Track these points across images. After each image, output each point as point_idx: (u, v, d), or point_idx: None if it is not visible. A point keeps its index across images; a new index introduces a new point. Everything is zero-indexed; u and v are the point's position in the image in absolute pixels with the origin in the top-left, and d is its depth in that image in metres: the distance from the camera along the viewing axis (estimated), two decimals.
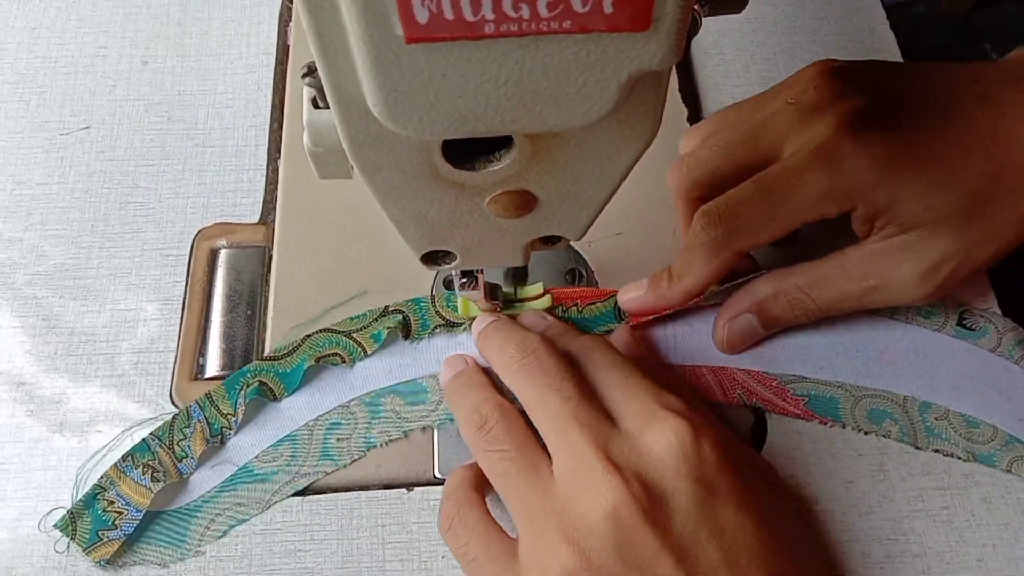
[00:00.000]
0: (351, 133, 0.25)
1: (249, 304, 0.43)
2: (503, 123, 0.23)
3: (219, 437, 0.39)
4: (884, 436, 0.40)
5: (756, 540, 0.31)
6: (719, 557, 0.30)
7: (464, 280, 0.40)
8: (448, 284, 0.43)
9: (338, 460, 0.39)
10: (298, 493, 0.39)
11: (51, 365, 0.42)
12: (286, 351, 0.40)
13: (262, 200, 0.46)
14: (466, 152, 0.26)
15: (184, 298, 0.43)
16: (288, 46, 0.52)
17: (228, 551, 0.37)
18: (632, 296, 0.41)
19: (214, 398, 0.39)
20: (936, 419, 0.40)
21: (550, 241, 0.33)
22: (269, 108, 0.50)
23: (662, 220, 0.45)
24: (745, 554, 0.31)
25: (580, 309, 0.42)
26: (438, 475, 0.39)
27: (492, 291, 0.40)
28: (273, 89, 0.50)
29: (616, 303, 0.42)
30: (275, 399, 0.40)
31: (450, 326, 0.42)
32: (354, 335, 0.41)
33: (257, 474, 0.39)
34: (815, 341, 0.42)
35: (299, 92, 0.49)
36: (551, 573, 0.30)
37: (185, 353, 0.42)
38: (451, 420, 0.40)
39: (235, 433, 0.39)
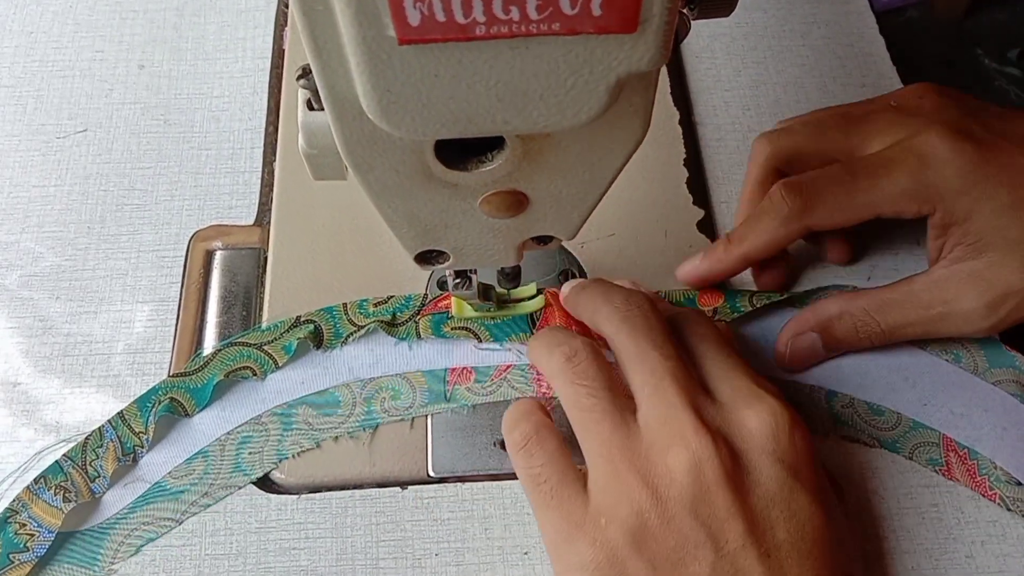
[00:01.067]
0: (345, 133, 0.26)
1: (244, 306, 0.43)
2: (494, 124, 0.23)
3: (131, 456, 0.39)
4: None
5: (821, 532, 0.32)
6: (785, 538, 0.31)
7: (458, 280, 0.40)
8: (442, 284, 0.44)
9: (250, 473, 0.39)
10: (293, 492, 0.39)
11: (47, 366, 0.42)
12: (197, 367, 0.40)
13: (257, 202, 0.47)
14: (458, 152, 0.27)
15: (180, 299, 0.44)
16: (283, 50, 0.53)
17: (223, 549, 0.38)
18: (689, 268, 0.42)
19: (126, 417, 0.39)
20: (842, 407, 0.41)
21: (543, 241, 0.33)
22: (265, 111, 0.50)
23: (653, 222, 0.45)
24: (808, 542, 0.31)
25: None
26: (432, 474, 0.40)
27: (486, 292, 0.41)
28: (269, 93, 0.51)
29: (533, 313, 0.42)
30: (187, 415, 0.40)
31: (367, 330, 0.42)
32: (265, 347, 0.41)
33: (170, 490, 0.39)
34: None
35: (294, 95, 0.50)
36: (623, 511, 0.31)
37: (181, 354, 0.42)
38: (363, 428, 0.40)
39: (147, 451, 0.39)
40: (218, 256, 0.45)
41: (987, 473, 0.39)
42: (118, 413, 0.39)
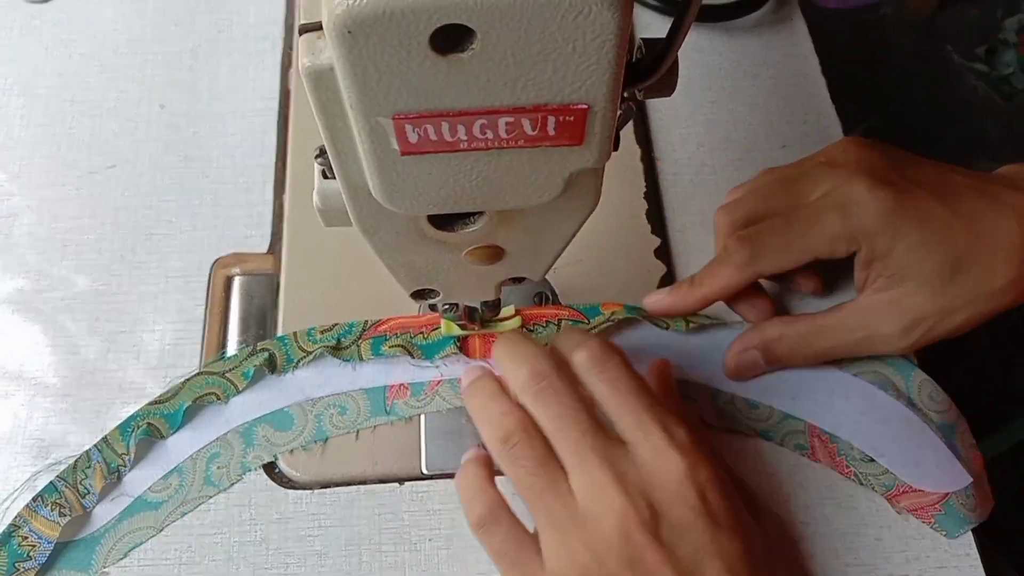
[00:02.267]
0: (356, 207, 0.32)
1: (260, 326, 0.50)
2: (474, 204, 0.30)
3: (116, 474, 0.45)
4: None
5: (746, 560, 0.36)
6: (714, 574, 0.36)
7: (446, 307, 0.47)
8: (433, 306, 0.50)
9: (219, 485, 0.45)
10: (307, 487, 0.46)
11: (91, 380, 0.48)
12: (169, 395, 0.46)
13: (270, 232, 0.53)
14: (447, 218, 0.33)
15: (204, 320, 0.50)
16: (289, 91, 0.59)
17: (249, 537, 0.44)
18: (656, 299, 0.48)
19: (110, 441, 0.45)
20: (724, 404, 0.48)
21: (516, 280, 0.40)
22: (274, 148, 0.56)
23: (615, 250, 0.52)
24: (735, 573, 0.36)
25: (426, 335, 0.48)
26: (425, 471, 0.46)
27: (471, 314, 0.47)
28: (277, 132, 0.57)
29: (455, 335, 0.48)
30: (162, 437, 0.46)
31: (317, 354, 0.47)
32: (227, 374, 0.47)
33: (150, 503, 0.45)
34: (632, 333, 0.49)
35: (300, 136, 0.56)
36: (573, 572, 0.36)
37: None
38: (315, 441, 0.46)
39: (129, 469, 0.45)
40: (236, 281, 0.51)
41: (845, 454, 0.46)
42: (102, 438, 0.45)
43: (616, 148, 0.31)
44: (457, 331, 0.48)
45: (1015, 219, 0.43)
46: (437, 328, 0.49)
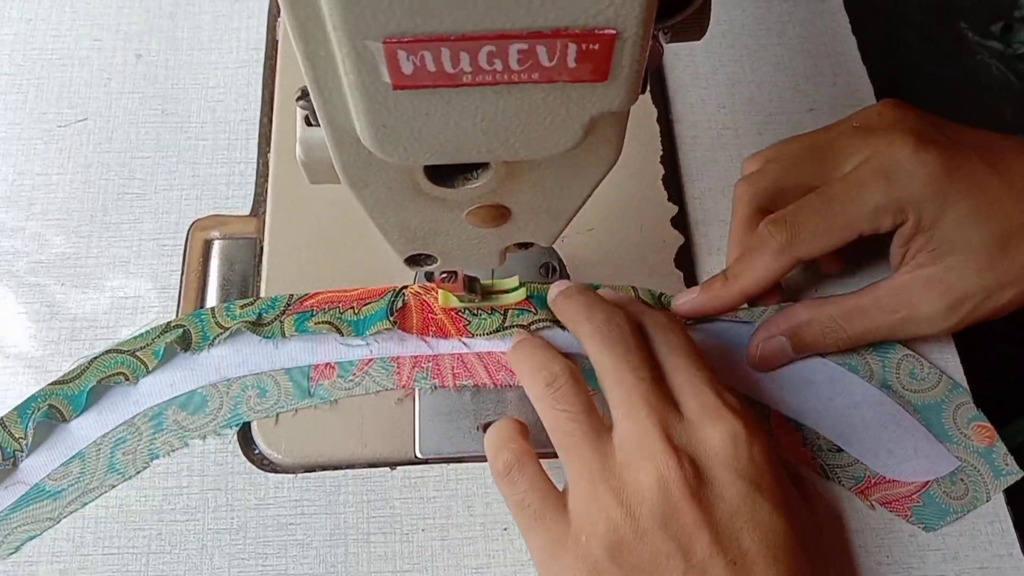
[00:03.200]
0: (342, 156, 0.28)
1: (241, 293, 0.46)
2: (479, 153, 0.26)
3: (11, 460, 0.41)
4: None
5: (784, 538, 0.34)
6: (751, 546, 0.33)
7: (444, 275, 0.42)
8: (430, 275, 0.46)
9: (125, 472, 0.41)
10: (289, 471, 0.42)
11: (55, 350, 0.44)
12: (74, 375, 0.42)
13: (253, 193, 0.49)
14: (446, 171, 0.29)
15: (180, 286, 0.46)
16: (276, 41, 0.54)
17: (225, 524, 0.41)
18: (686, 300, 0.44)
19: (6, 423, 0.41)
20: None
21: (524, 246, 0.36)
22: (259, 103, 0.52)
23: (630, 218, 0.48)
24: (773, 549, 0.34)
25: (356, 311, 0.44)
26: (419, 455, 0.42)
27: (471, 284, 0.43)
28: (263, 84, 0.52)
29: (389, 302, 0.44)
30: (64, 420, 0.42)
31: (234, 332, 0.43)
32: (137, 353, 0.43)
33: (48, 491, 0.41)
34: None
35: (287, 88, 0.51)
36: (600, 528, 0.34)
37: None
38: (231, 426, 0.42)
39: (27, 455, 0.41)
40: (216, 245, 0.47)
41: (811, 443, 0.43)
42: None
43: (644, 91, 0.26)
44: (455, 301, 0.44)
45: None
46: (369, 303, 0.44)
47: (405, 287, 0.45)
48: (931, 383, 0.44)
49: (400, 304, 0.44)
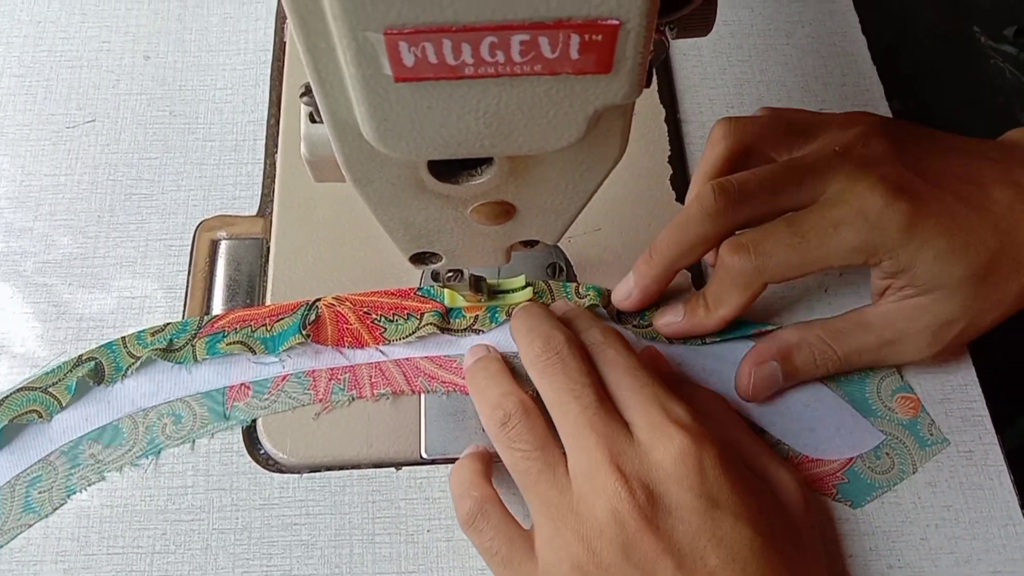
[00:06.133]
0: (345, 151, 0.28)
1: (248, 294, 0.46)
2: (482, 148, 0.26)
3: None
4: None
5: (752, 548, 0.33)
6: (717, 564, 0.33)
7: (450, 274, 0.42)
8: (436, 275, 0.46)
9: (40, 511, 0.41)
10: (294, 471, 0.42)
11: (62, 349, 0.44)
12: None
13: (260, 193, 0.49)
14: (450, 167, 0.29)
15: (187, 287, 0.46)
16: (284, 43, 0.54)
17: (229, 524, 0.40)
18: (669, 321, 0.44)
19: None
20: None
21: (529, 244, 0.35)
22: (266, 104, 0.52)
23: (638, 217, 0.48)
24: (741, 562, 0.33)
25: (269, 328, 0.44)
26: (424, 455, 0.42)
27: (477, 284, 0.43)
28: (270, 86, 0.52)
29: (302, 316, 0.44)
30: None
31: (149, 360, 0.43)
32: (50, 389, 0.42)
33: None
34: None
35: (295, 89, 0.51)
36: (565, 566, 0.34)
37: None
38: (147, 456, 0.42)
39: None
40: (223, 245, 0.47)
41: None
42: None
43: (648, 84, 0.26)
44: (461, 301, 0.44)
45: None
46: (282, 318, 0.44)
47: (319, 300, 0.44)
48: None
49: (313, 317, 0.44)
